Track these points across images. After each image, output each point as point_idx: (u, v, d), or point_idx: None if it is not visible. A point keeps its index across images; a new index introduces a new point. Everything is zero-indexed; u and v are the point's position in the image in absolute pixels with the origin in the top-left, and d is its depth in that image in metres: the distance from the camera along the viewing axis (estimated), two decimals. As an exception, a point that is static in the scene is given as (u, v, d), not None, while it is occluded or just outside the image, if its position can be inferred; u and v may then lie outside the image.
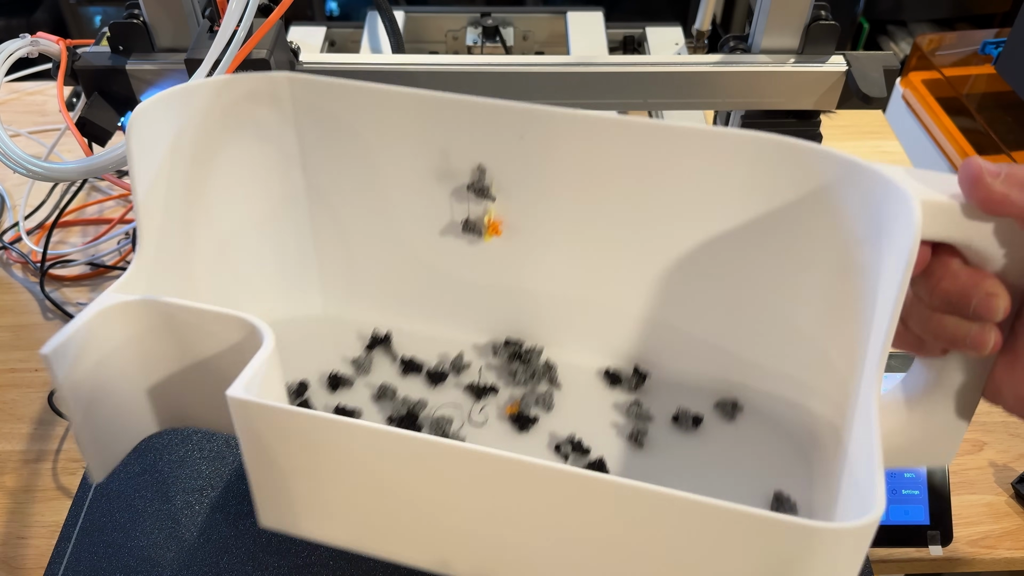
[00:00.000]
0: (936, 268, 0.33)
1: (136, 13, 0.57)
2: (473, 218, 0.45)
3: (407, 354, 0.48)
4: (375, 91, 0.42)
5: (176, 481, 0.47)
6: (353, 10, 1.69)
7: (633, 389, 0.47)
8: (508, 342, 0.49)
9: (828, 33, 0.59)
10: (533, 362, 0.47)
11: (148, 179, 0.39)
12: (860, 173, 0.35)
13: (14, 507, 0.55)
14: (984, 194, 0.31)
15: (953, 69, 1.26)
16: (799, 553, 0.27)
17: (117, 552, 0.44)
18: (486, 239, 0.46)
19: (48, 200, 0.77)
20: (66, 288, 0.71)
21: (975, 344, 0.33)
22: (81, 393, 0.36)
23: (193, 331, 0.37)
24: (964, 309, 0.33)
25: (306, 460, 0.33)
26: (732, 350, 0.45)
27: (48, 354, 0.34)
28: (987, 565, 0.54)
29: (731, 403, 0.45)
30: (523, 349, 0.48)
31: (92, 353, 0.36)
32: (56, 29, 1.44)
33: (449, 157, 0.44)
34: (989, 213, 0.31)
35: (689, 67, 0.60)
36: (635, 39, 0.82)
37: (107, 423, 0.38)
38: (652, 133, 0.40)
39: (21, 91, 0.92)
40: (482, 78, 0.60)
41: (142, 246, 0.39)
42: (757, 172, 0.39)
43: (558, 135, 0.41)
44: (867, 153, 0.85)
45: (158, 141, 0.40)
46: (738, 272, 0.43)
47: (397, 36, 0.72)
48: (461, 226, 0.46)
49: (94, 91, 0.58)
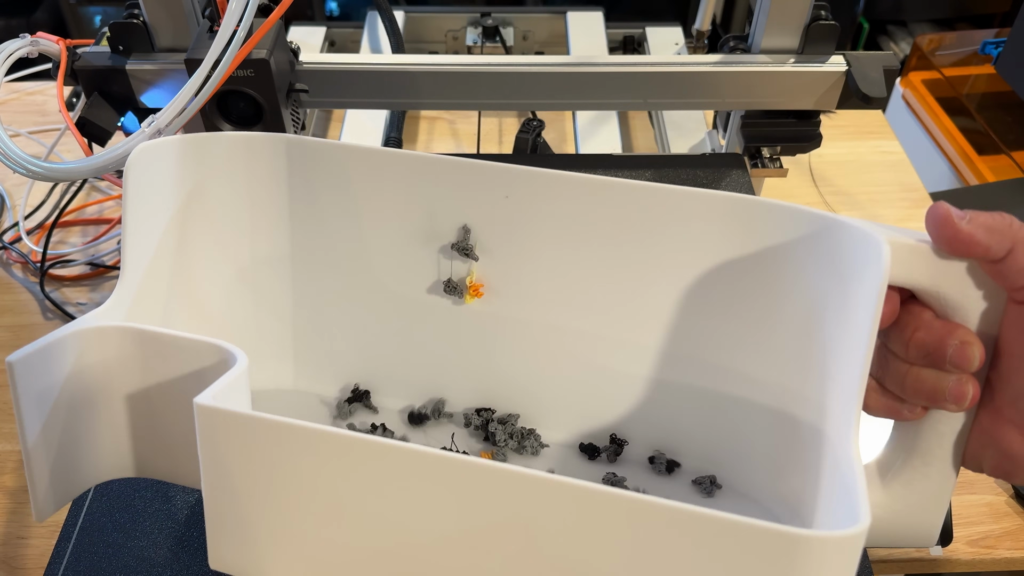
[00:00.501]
0: (909, 320, 0.34)
1: (136, 13, 0.57)
2: (456, 279, 0.46)
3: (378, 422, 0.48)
4: (365, 152, 0.44)
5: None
6: (353, 10, 1.69)
7: (611, 461, 0.46)
8: (481, 411, 0.48)
9: (828, 33, 0.59)
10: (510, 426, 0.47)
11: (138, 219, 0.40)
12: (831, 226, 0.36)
13: (14, 507, 0.55)
14: (951, 233, 0.32)
15: (953, 69, 1.26)
16: (787, 563, 0.26)
17: (117, 552, 0.44)
18: (467, 301, 0.46)
19: (48, 200, 0.77)
20: (66, 288, 0.71)
21: (954, 396, 0.33)
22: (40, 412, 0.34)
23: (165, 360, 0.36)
24: (940, 360, 0.33)
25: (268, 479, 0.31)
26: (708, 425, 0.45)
27: (14, 362, 0.32)
28: (987, 565, 0.54)
29: (709, 479, 0.45)
30: (496, 416, 0.48)
31: (60, 372, 0.34)
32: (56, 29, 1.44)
33: (436, 217, 0.45)
34: (955, 254, 0.32)
35: (689, 67, 0.60)
36: (635, 39, 0.82)
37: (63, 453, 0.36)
38: (632, 193, 0.41)
39: (21, 91, 0.92)
40: (482, 78, 0.60)
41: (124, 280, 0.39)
42: (732, 229, 0.40)
43: (541, 194, 0.42)
44: (867, 153, 0.85)
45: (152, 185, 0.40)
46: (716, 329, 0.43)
47: (397, 36, 0.72)
48: (443, 286, 0.46)
49: (94, 91, 0.58)
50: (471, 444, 0.47)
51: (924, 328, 0.34)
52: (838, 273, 0.36)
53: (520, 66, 0.60)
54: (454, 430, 0.48)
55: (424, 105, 0.63)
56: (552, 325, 0.46)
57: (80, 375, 0.35)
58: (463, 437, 0.48)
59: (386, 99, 0.62)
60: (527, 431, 0.47)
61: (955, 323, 0.33)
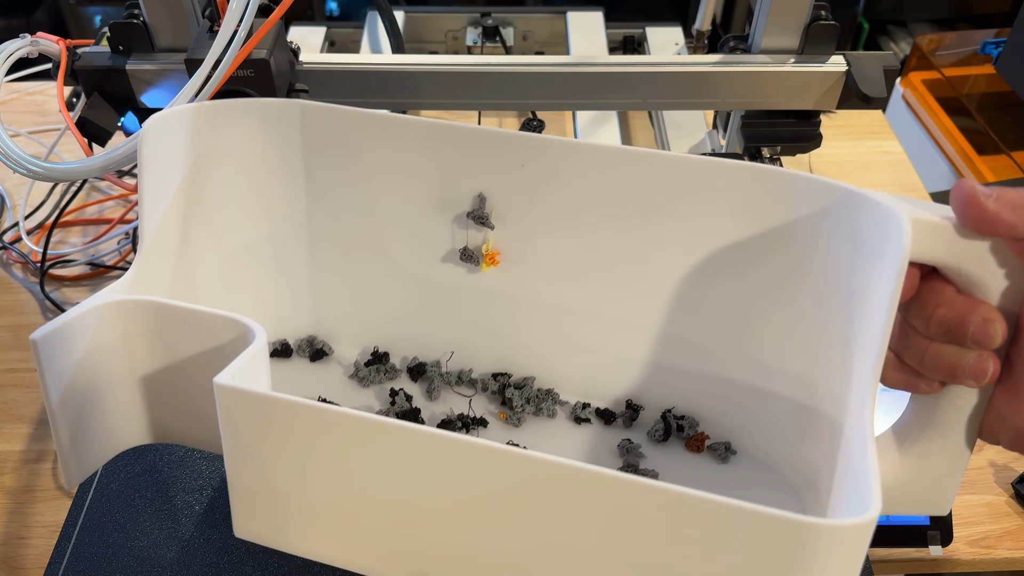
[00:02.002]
0: (930, 296, 0.33)
1: (136, 13, 0.57)
2: (472, 247, 0.45)
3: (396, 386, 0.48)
4: (381, 119, 0.43)
5: (176, 481, 0.47)
6: (353, 10, 1.69)
7: (627, 425, 0.46)
8: (498, 375, 0.48)
9: (828, 33, 0.59)
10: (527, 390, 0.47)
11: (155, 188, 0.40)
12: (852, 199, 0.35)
13: (14, 507, 0.55)
14: (978, 212, 0.31)
15: (953, 69, 1.26)
16: (796, 550, 0.26)
17: (117, 552, 0.44)
18: (483, 269, 0.46)
19: (48, 200, 0.77)
20: (66, 288, 0.71)
21: (974, 372, 0.33)
22: (65, 386, 0.35)
23: (185, 334, 0.36)
24: (961, 336, 0.33)
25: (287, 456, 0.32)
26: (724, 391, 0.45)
27: (37, 340, 0.33)
28: (987, 565, 0.54)
29: (724, 445, 0.45)
30: (512, 381, 0.48)
31: (81, 347, 0.35)
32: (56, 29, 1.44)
33: (451, 185, 0.44)
34: (981, 233, 0.32)
35: (689, 67, 0.60)
36: (635, 39, 0.82)
37: (88, 424, 0.37)
38: (650, 162, 0.41)
39: (21, 91, 0.91)
40: (482, 78, 0.60)
41: (143, 252, 0.39)
42: (750, 200, 0.40)
43: (558, 163, 0.42)
44: (867, 153, 0.85)
45: (168, 153, 0.40)
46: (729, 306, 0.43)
47: (397, 36, 0.72)
48: (459, 254, 0.46)
49: (94, 91, 0.58)
50: (489, 408, 0.47)
51: (946, 304, 0.33)
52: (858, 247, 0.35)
53: (520, 66, 0.60)
54: (472, 394, 0.48)
55: (424, 105, 0.63)
56: (568, 293, 0.45)
57: (101, 349, 0.36)
58: (481, 402, 0.48)
59: (386, 99, 0.62)
60: (544, 392, 0.47)
61: (977, 299, 0.33)
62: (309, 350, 0.50)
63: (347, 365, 0.49)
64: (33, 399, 0.62)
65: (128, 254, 0.73)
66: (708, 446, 0.45)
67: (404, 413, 0.46)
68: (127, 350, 0.37)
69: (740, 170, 0.39)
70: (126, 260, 0.73)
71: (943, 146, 1.16)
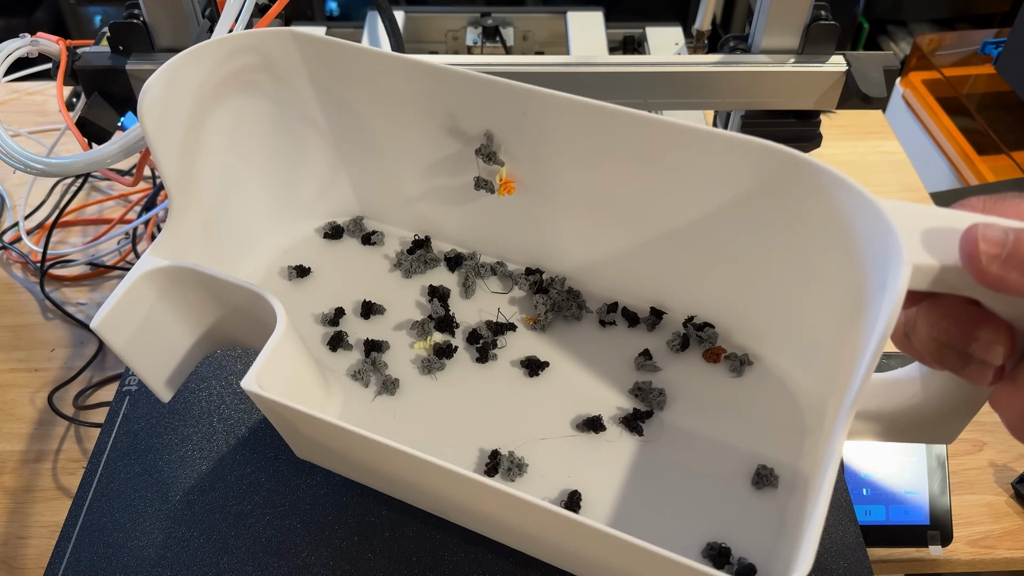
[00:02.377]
0: (941, 304, 0.32)
1: (136, 13, 0.57)
2: (484, 177, 0.46)
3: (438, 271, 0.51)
4: (373, 55, 0.44)
5: (176, 481, 0.47)
6: (353, 10, 1.69)
7: (650, 330, 0.48)
8: (531, 271, 0.50)
9: (828, 33, 0.59)
10: (555, 291, 0.49)
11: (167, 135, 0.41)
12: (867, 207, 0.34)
13: (14, 507, 0.55)
14: (978, 275, 0.29)
15: (953, 69, 1.26)
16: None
17: (117, 552, 0.44)
18: (499, 195, 0.47)
19: (48, 200, 0.77)
20: (66, 288, 0.71)
21: (971, 378, 0.33)
22: (133, 349, 0.40)
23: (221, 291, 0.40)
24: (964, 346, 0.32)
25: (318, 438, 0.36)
26: (747, 305, 0.45)
27: (98, 326, 0.37)
28: (987, 565, 0.54)
29: (741, 358, 0.45)
30: (545, 278, 0.50)
31: (136, 315, 0.40)
32: (56, 29, 1.44)
33: (457, 121, 0.45)
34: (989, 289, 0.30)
35: (689, 67, 0.60)
36: (635, 39, 0.82)
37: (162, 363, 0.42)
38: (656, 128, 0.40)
39: (21, 91, 0.92)
40: (482, 78, 0.60)
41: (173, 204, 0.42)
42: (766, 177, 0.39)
43: (558, 117, 0.42)
44: (867, 153, 0.85)
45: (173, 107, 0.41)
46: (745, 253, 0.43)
47: (397, 36, 0.72)
48: (474, 183, 0.47)
49: (94, 91, 0.58)
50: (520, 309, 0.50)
51: (953, 317, 0.32)
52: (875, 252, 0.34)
53: (520, 66, 0.60)
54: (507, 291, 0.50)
55: (424, 105, 0.63)
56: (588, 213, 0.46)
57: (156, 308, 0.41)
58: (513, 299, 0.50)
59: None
60: (572, 294, 0.49)
61: (986, 317, 0.31)
62: (359, 232, 0.53)
63: (392, 251, 0.52)
64: (33, 399, 0.62)
65: (128, 254, 0.73)
66: (724, 357, 0.46)
67: (440, 320, 0.48)
68: (176, 304, 0.41)
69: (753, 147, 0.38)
70: (126, 260, 0.73)
71: (943, 146, 1.16)
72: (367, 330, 0.48)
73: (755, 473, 0.41)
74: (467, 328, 0.49)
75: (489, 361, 0.47)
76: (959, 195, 1.00)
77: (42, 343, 0.66)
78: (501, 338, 0.48)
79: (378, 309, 0.49)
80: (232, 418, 0.50)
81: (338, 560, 0.44)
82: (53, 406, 0.61)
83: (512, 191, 0.46)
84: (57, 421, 0.60)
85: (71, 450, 0.59)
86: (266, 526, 0.45)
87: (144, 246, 0.73)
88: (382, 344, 0.47)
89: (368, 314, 0.49)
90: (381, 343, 0.47)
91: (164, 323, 0.41)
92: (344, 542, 0.44)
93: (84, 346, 0.66)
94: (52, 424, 0.60)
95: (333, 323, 0.49)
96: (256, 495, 0.46)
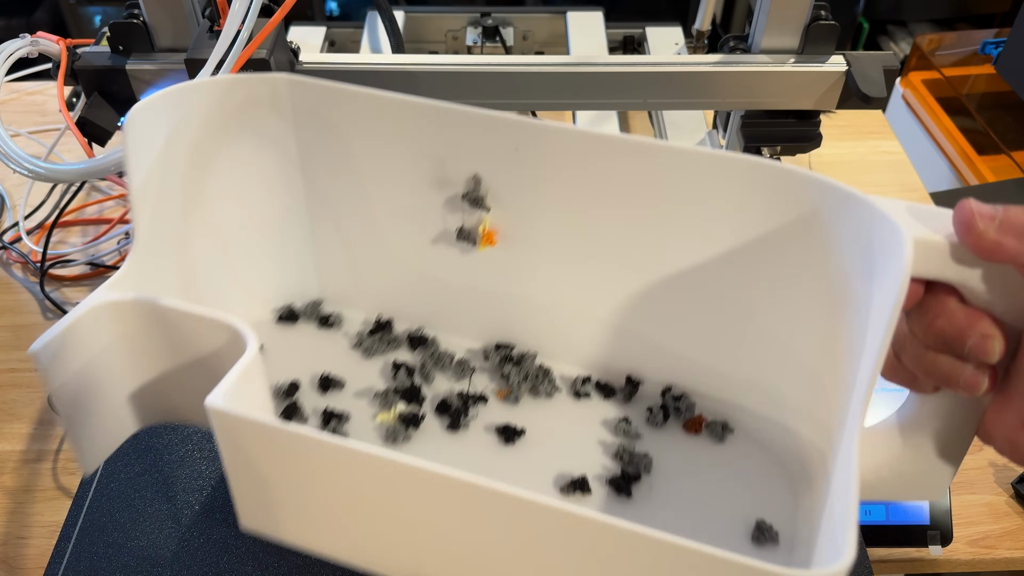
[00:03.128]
0: (932, 305, 0.33)
1: (136, 13, 0.57)
2: (468, 227, 0.45)
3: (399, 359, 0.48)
4: (370, 96, 0.42)
5: (176, 481, 0.47)
6: (353, 10, 1.69)
7: (627, 400, 0.46)
8: (500, 346, 0.48)
9: (828, 33, 0.59)
10: (527, 365, 0.47)
11: (144, 176, 0.39)
12: (853, 203, 0.34)
13: (14, 507, 0.55)
14: (975, 241, 0.30)
15: (953, 69, 1.26)
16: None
17: (117, 552, 0.44)
18: (480, 248, 0.45)
19: (48, 200, 0.77)
20: (66, 288, 0.71)
21: (967, 385, 0.33)
22: (70, 389, 0.36)
23: (181, 331, 0.37)
24: (958, 349, 0.32)
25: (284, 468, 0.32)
26: (724, 369, 0.45)
27: (37, 351, 0.34)
28: (987, 565, 0.54)
29: (721, 424, 0.45)
30: (515, 353, 0.48)
31: (82, 351, 0.35)
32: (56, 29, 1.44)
33: (445, 165, 0.44)
34: (983, 258, 0.31)
35: (689, 67, 0.60)
36: (635, 39, 0.82)
37: (97, 418, 0.38)
38: (645, 152, 0.40)
39: (21, 91, 0.92)
40: (482, 78, 0.60)
41: (136, 242, 0.39)
42: (748, 195, 0.39)
43: (553, 149, 0.41)
44: (867, 153, 0.85)
45: (156, 139, 0.40)
46: (730, 291, 0.42)
47: (397, 36, 0.72)
48: (456, 234, 0.45)
49: (94, 91, 0.58)
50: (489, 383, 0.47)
51: (946, 316, 0.32)
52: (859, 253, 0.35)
53: (520, 66, 0.60)
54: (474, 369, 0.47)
55: (424, 105, 0.63)
56: (567, 271, 0.45)
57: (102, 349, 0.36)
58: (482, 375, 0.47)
59: (386, 99, 0.62)
60: (543, 372, 0.47)
61: (978, 313, 0.32)
62: (316, 315, 0.50)
63: (352, 332, 0.49)
64: (33, 399, 0.62)
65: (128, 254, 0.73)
66: (705, 425, 0.45)
67: (405, 391, 0.46)
68: (126, 347, 0.37)
69: (742, 164, 0.39)
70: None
71: (943, 146, 1.16)
72: (325, 403, 0.45)
73: (755, 529, 0.40)
74: (435, 398, 0.46)
75: (460, 429, 0.44)
76: (959, 195, 1.00)
77: (42, 343, 0.66)
78: (472, 409, 0.45)
79: (337, 383, 0.46)
80: (232, 418, 0.50)
81: (338, 560, 0.44)
82: (53, 406, 0.61)
83: (494, 242, 0.45)
84: (57, 421, 0.60)
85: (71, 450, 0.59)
86: (266, 526, 0.45)
87: (144, 246, 0.73)
88: (342, 415, 0.44)
89: (326, 387, 0.46)
90: (341, 414, 0.44)
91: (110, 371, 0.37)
92: (344, 542, 0.44)
93: (84, 346, 0.66)
94: (52, 424, 0.60)
95: (288, 395, 0.45)
96: (256, 495, 0.46)
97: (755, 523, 0.40)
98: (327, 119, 0.44)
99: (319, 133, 0.44)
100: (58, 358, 0.34)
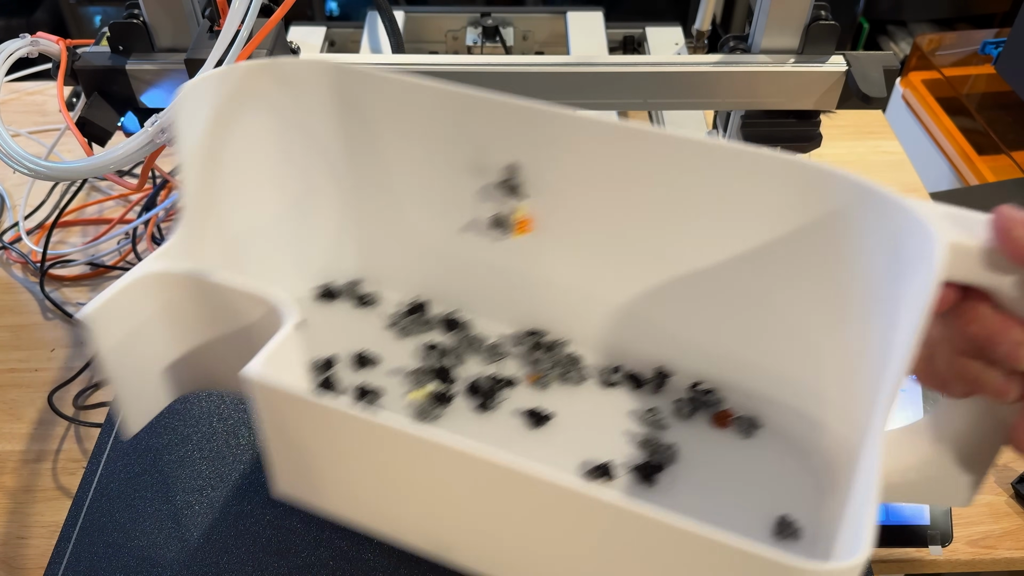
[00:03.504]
0: (965, 310, 0.33)
1: (136, 13, 0.57)
2: (501, 215, 0.46)
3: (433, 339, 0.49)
4: (409, 85, 0.43)
5: (176, 481, 0.47)
6: (353, 10, 1.69)
7: (655, 392, 0.47)
8: (532, 332, 0.49)
9: (828, 33, 0.59)
10: (557, 352, 0.48)
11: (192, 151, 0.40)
12: (883, 203, 0.34)
13: (14, 507, 0.55)
14: (1013, 247, 0.30)
15: (953, 69, 1.26)
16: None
17: (117, 552, 0.44)
18: (514, 236, 0.46)
19: (48, 200, 0.77)
20: (66, 288, 0.71)
21: (997, 392, 0.32)
22: (116, 355, 0.37)
23: (225, 303, 0.38)
24: (990, 355, 0.32)
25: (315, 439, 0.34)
26: (753, 364, 0.45)
27: (86, 315, 0.35)
28: (987, 565, 0.54)
29: (749, 420, 0.45)
30: (546, 340, 0.48)
31: (128, 318, 0.37)
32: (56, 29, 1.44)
33: (482, 152, 0.44)
34: (1019, 265, 0.31)
35: (689, 67, 0.60)
36: (635, 39, 0.82)
37: (139, 384, 0.39)
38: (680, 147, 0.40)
39: (21, 91, 0.92)
40: (482, 78, 0.60)
41: (183, 215, 0.40)
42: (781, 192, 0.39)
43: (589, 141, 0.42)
44: (867, 153, 0.85)
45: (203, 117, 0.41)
46: (760, 286, 0.42)
47: (397, 36, 0.72)
48: (489, 222, 0.46)
49: (94, 91, 0.58)
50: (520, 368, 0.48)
51: (978, 322, 0.32)
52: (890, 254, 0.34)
53: (520, 66, 0.60)
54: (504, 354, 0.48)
55: (424, 105, 0.63)
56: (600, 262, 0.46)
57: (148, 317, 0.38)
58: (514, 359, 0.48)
59: (386, 99, 0.61)
60: (573, 359, 0.48)
61: (1012, 320, 0.32)
62: (354, 294, 0.51)
63: (388, 312, 0.50)
64: (33, 399, 0.62)
65: (128, 254, 0.73)
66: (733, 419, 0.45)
67: (437, 371, 0.47)
68: (173, 316, 0.39)
69: (776, 161, 0.39)
70: (126, 260, 0.73)
71: (943, 146, 1.16)
72: (359, 379, 0.47)
73: (777, 524, 0.40)
74: (466, 379, 0.47)
75: (489, 411, 0.46)
76: (959, 195, 1.00)
77: (42, 343, 0.66)
78: (502, 392, 0.47)
79: (371, 360, 0.48)
80: (232, 418, 0.50)
81: (338, 560, 0.44)
82: (53, 406, 0.61)
83: (528, 230, 0.45)
84: (57, 421, 0.60)
85: (71, 450, 0.59)
86: (266, 526, 0.45)
87: (144, 246, 0.73)
88: (375, 391, 0.46)
89: (362, 364, 0.48)
90: (374, 390, 0.46)
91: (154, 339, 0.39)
92: (344, 542, 0.44)
93: (84, 346, 0.66)
94: (52, 424, 0.60)
95: (324, 369, 0.47)
96: (256, 495, 0.46)
97: (777, 518, 0.40)
98: (368, 105, 0.45)
99: (360, 118, 0.46)
100: (104, 324, 0.36)
